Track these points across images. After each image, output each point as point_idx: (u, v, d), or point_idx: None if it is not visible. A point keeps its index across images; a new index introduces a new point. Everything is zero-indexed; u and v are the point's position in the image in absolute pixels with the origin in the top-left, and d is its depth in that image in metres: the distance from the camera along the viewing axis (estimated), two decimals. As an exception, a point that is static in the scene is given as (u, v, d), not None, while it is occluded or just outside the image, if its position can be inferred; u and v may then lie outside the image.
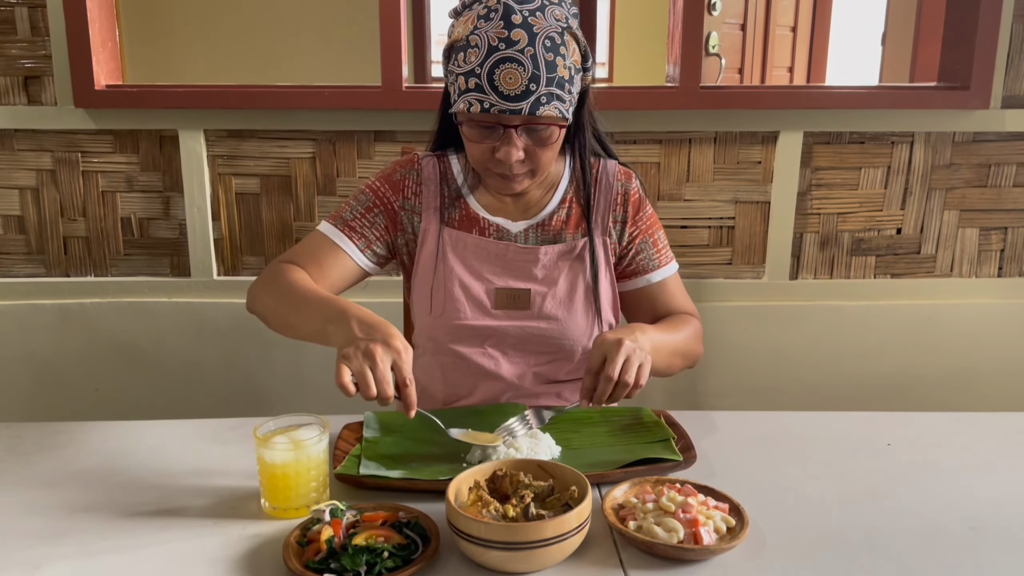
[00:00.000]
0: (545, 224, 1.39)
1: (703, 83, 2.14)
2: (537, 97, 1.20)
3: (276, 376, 2.26)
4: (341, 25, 3.89)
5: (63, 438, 1.26)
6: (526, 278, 1.37)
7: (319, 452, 1.05)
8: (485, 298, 1.36)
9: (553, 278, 1.37)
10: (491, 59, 1.19)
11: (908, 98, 2.17)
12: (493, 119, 1.23)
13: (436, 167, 1.40)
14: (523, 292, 1.37)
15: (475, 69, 1.20)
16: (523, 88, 1.19)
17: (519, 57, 1.18)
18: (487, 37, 1.20)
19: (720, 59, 3.76)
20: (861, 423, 1.33)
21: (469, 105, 1.22)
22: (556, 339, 1.37)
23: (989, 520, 1.03)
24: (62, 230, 2.22)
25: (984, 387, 2.31)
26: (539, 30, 1.20)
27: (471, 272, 1.36)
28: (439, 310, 1.36)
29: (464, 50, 1.22)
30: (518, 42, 1.19)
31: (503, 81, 1.19)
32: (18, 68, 2.12)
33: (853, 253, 2.27)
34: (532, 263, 1.37)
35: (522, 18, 1.19)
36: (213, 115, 2.14)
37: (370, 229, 1.38)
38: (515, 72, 1.19)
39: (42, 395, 2.27)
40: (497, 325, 1.36)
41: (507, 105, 1.20)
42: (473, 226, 1.38)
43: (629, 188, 1.42)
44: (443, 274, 1.36)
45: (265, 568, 0.93)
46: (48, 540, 0.99)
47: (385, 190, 1.40)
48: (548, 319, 1.36)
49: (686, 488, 1.02)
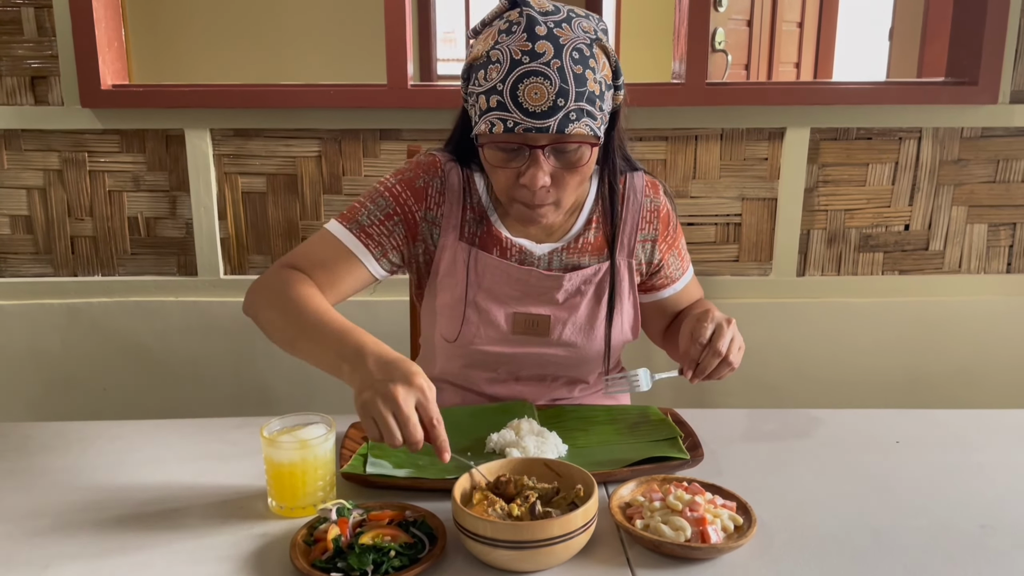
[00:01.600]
0: (570, 247, 1.31)
1: (709, 79, 2.14)
2: (566, 113, 1.09)
3: (283, 375, 2.27)
4: (346, 24, 3.90)
5: (71, 437, 1.26)
6: (547, 304, 1.31)
7: (326, 451, 1.05)
8: (503, 323, 1.30)
9: (574, 304, 1.31)
10: (514, 74, 1.09)
11: (916, 93, 2.16)
12: (518, 139, 1.12)
13: (460, 176, 1.29)
14: (543, 319, 1.30)
15: (496, 86, 1.10)
16: (550, 103, 1.09)
17: (544, 70, 1.08)
18: (509, 51, 1.10)
19: (726, 55, 3.75)
20: (869, 420, 1.33)
21: (491, 125, 1.11)
22: (573, 365, 1.35)
23: (1000, 518, 1.03)
24: (69, 230, 2.23)
25: (993, 383, 2.30)
26: (566, 41, 1.10)
27: (490, 295, 1.29)
28: (452, 332, 1.30)
29: (484, 67, 1.12)
30: (543, 54, 1.09)
31: (528, 97, 1.09)
32: (25, 68, 2.13)
33: (861, 249, 2.27)
34: (555, 289, 1.30)
35: (547, 30, 1.10)
36: (219, 114, 2.15)
37: (388, 238, 1.27)
38: (540, 86, 1.08)
39: (50, 395, 2.28)
40: (513, 353, 1.31)
41: (532, 123, 1.09)
42: (495, 246, 1.29)
43: (658, 204, 1.35)
44: (459, 294, 1.29)
45: (272, 567, 0.93)
46: (56, 540, 0.99)
47: (407, 197, 1.28)
48: (566, 346, 1.32)
49: (693, 486, 1.02)
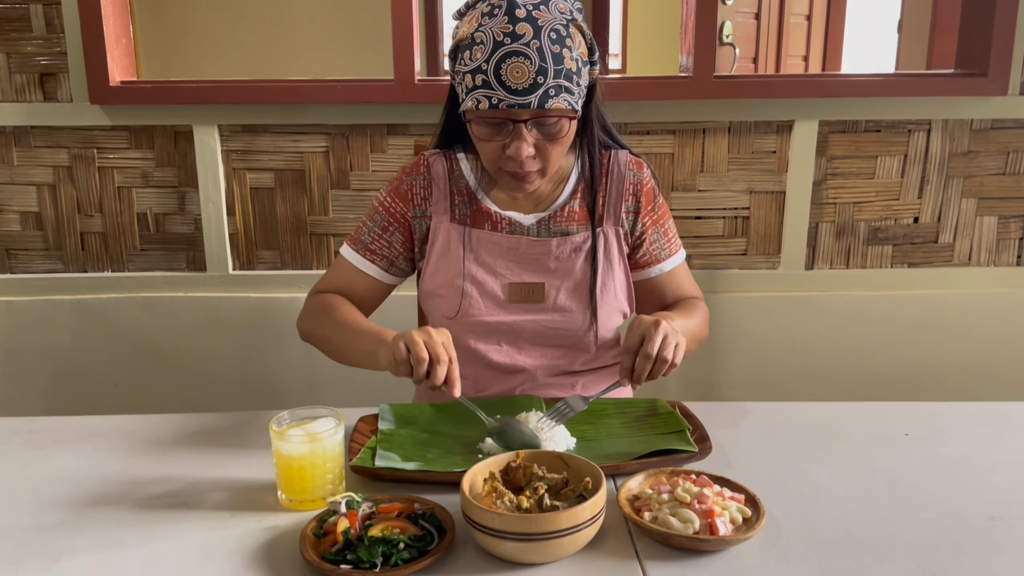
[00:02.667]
0: (556, 216, 1.38)
1: (717, 73, 2.13)
2: (545, 90, 1.19)
3: (292, 369, 2.27)
4: (353, 19, 3.90)
5: (82, 432, 1.27)
6: (540, 271, 1.37)
7: (335, 444, 1.05)
8: (500, 293, 1.36)
9: (567, 270, 1.37)
10: (497, 54, 1.18)
11: (925, 85, 2.14)
12: (502, 115, 1.22)
13: (444, 165, 1.40)
14: (537, 286, 1.36)
15: (481, 65, 1.19)
16: (531, 81, 1.18)
17: (525, 51, 1.18)
18: (492, 33, 1.19)
19: (734, 48, 3.74)
20: (878, 413, 1.32)
21: (477, 102, 1.21)
22: (571, 331, 1.37)
23: (1009, 510, 1.02)
24: (79, 226, 2.24)
25: (1002, 376, 2.29)
26: (544, 23, 1.19)
27: (484, 268, 1.36)
28: (453, 307, 1.36)
29: (469, 48, 1.21)
30: (523, 36, 1.18)
31: (510, 75, 1.18)
32: (34, 65, 2.13)
33: (870, 243, 2.26)
34: (545, 256, 1.36)
35: (526, 12, 1.19)
36: (227, 110, 2.15)
37: (389, 248, 1.41)
38: (522, 65, 1.18)
39: (61, 390, 2.30)
40: (512, 320, 1.36)
41: (515, 99, 1.19)
42: (485, 221, 1.38)
43: (641, 178, 1.41)
44: (455, 270, 1.36)
45: (282, 560, 0.94)
46: (67, 533, 0.99)
47: (396, 205, 1.40)
48: (563, 311, 1.37)
49: (701, 479, 1.02)
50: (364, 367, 1.27)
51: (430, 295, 1.40)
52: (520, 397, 1.33)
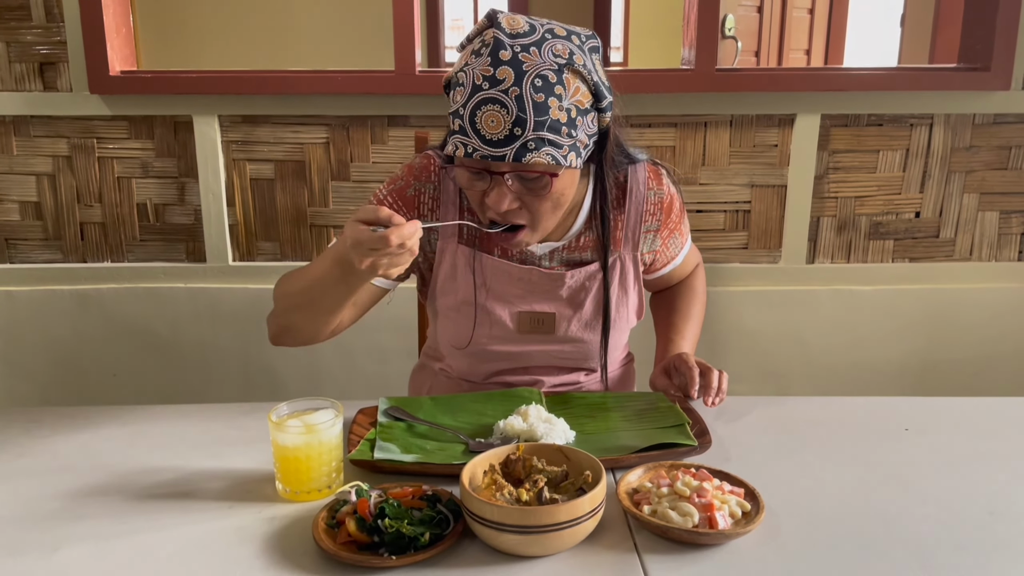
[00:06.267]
0: (571, 246, 1.31)
1: (719, 66, 2.12)
2: (524, 143, 1.07)
3: (291, 361, 2.27)
4: (354, 10, 3.88)
5: (80, 422, 1.27)
6: (551, 301, 1.31)
7: (333, 436, 1.05)
8: (508, 322, 1.31)
9: (579, 300, 1.32)
10: (473, 100, 1.08)
11: (927, 80, 2.14)
12: (480, 164, 1.12)
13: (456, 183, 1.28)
14: (548, 316, 1.31)
15: (459, 109, 1.10)
16: (506, 132, 1.07)
17: (502, 98, 1.06)
18: (473, 75, 1.08)
19: (736, 42, 3.73)
20: (878, 408, 1.32)
21: (455, 148, 1.11)
22: (581, 359, 1.36)
23: (1009, 505, 1.02)
24: (78, 216, 2.24)
25: (1003, 372, 2.29)
26: (529, 68, 1.07)
27: (493, 295, 1.30)
28: (463, 336, 1.31)
29: (454, 88, 1.12)
30: (503, 81, 1.06)
31: (485, 124, 1.07)
32: (33, 54, 2.13)
33: (871, 237, 2.25)
34: (558, 287, 1.31)
35: (512, 54, 1.07)
36: (227, 101, 2.15)
37: None
38: (497, 114, 1.07)
39: (60, 380, 2.30)
40: (521, 351, 1.33)
41: (489, 151, 1.08)
42: (495, 246, 1.29)
43: (662, 195, 1.34)
44: (464, 296, 1.30)
45: (281, 550, 0.93)
46: (66, 523, 0.99)
47: (397, 209, 1.29)
48: (573, 342, 1.33)
49: (701, 473, 1.02)
50: (342, 291, 1.14)
51: (436, 315, 1.36)
52: (520, 390, 1.32)
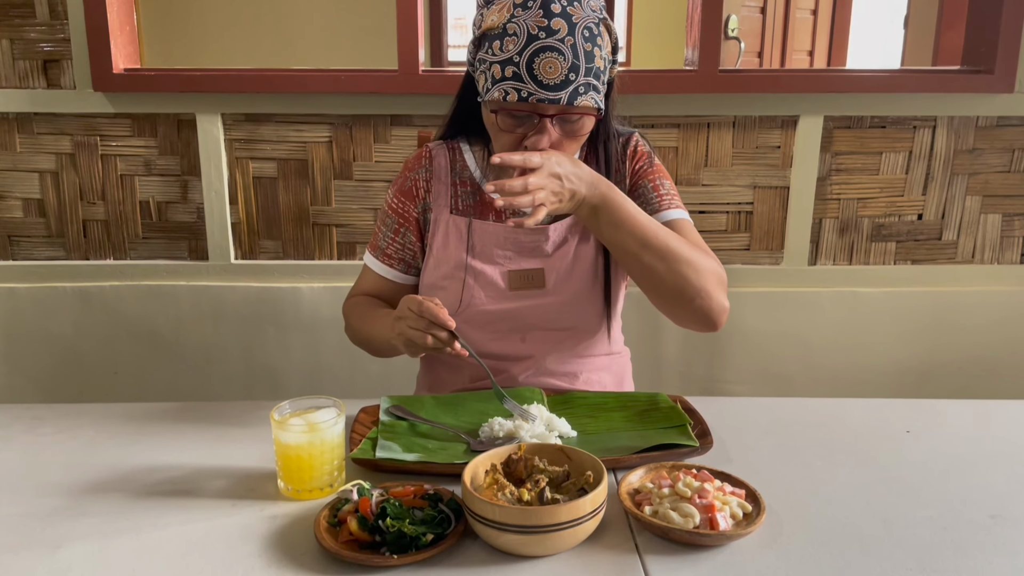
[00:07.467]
0: None
1: (722, 67, 2.12)
2: (576, 87, 1.18)
3: (293, 359, 2.27)
4: (358, 9, 3.89)
5: (83, 420, 1.27)
6: (538, 256, 1.37)
7: (335, 435, 1.05)
8: (500, 281, 1.36)
9: (564, 253, 1.37)
10: (531, 48, 1.17)
11: (931, 82, 2.14)
12: (529, 108, 1.21)
13: (447, 156, 1.41)
14: (537, 272, 1.37)
15: (513, 57, 1.18)
16: (563, 77, 1.17)
17: (559, 46, 1.17)
18: (526, 26, 1.17)
19: (739, 43, 3.73)
20: (880, 410, 1.32)
21: (505, 94, 1.19)
22: (574, 312, 1.38)
23: (1010, 508, 1.02)
24: (81, 213, 2.24)
25: (1005, 375, 2.28)
26: (578, 20, 1.18)
27: (483, 258, 1.37)
28: (454, 300, 1.36)
29: (501, 38, 1.20)
30: (558, 31, 1.17)
31: (543, 70, 1.17)
32: (37, 52, 2.13)
33: (873, 239, 2.25)
34: (542, 241, 1.36)
35: (561, 7, 1.18)
36: (230, 99, 2.15)
37: (403, 250, 1.43)
38: (555, 61, 1.17)
39: (62, 377, 2.30)
40: (514, 308, 1.37)
41: (546, 94, 1.18)
42: (489, 212, 1.38)
43: (629, 146, 1.41)
44: (456, 262, 1.36)
45: (283, 548, 0.94)
46: (67, 520, 0.99)
47: (403, 205, 1.42)
48: (563, 294, 1.37)
49: (702, 474, 1.02)
50: (399, 354, 1.31)
51: (432, 287, 1.40)
52: (522, 389, 1.32)
